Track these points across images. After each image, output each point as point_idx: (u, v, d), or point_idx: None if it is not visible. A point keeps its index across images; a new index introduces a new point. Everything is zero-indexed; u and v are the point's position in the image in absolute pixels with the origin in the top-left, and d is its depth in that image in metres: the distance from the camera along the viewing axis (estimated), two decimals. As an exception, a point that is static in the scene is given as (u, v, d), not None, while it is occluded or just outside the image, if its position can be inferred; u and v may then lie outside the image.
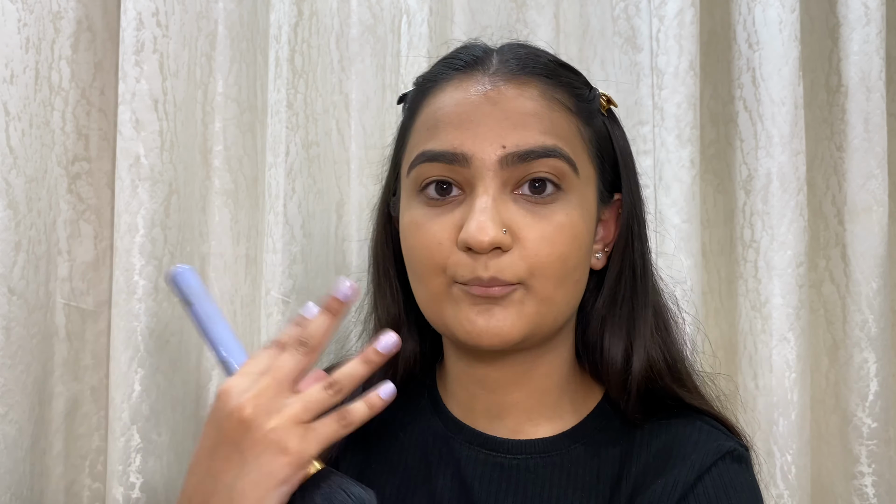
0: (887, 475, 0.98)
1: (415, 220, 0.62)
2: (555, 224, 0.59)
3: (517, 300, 0.59)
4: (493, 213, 0.57)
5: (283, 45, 0.89)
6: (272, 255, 0.89)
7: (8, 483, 0.79)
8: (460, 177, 0.60)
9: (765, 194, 0.95)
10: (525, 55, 0.63)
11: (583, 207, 0.61)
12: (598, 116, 0.65)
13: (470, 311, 0.59)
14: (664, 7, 0.93)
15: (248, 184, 0.92)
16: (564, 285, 0.60)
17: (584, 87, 0.65)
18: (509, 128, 0.59)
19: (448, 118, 0.60)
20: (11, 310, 0.79)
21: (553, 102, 0.61)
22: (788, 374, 0.93)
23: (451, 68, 0.63)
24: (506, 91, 0.60)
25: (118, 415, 0.82)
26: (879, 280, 0.98)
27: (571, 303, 0.63)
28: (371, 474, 0.67)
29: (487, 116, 0.59)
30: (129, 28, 0.82)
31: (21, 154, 0.80)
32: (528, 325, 0.59)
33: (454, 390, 0.68)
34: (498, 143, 0.58)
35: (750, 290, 0.96)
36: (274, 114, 0.89)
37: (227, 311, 0.91)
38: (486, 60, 0.62)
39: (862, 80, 0.98)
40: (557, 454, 0.64)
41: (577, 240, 0.60)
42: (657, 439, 0.63)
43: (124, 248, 0.82)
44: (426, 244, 0.60)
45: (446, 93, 0.62)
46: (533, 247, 0.58)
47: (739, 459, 0.61)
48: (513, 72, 0.61)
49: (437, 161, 0.60)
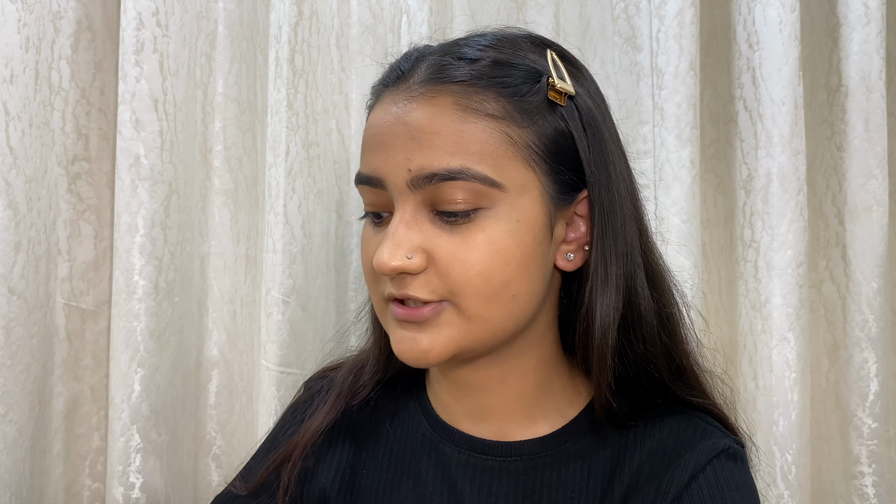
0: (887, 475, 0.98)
1: (364, 236, 0.63)
2: (470, 242, 0.57)
3: (442, 322, 0.58)
4: (402, 237, 0.57)
5: (283, 44, 0.89)
6: (272, 255, 0.89)
7: (8, 483, 0.79)
8: (384, 199, 0.60)
9: (765, 194, 0.95)
10: (443, 63, 0.59)
11: (512, 220, 0.58)
12: (546, 112, 0.59)
13: (396, 332, 0.60)
14: (664, 7, 0.93)
15: (248, 184, 0.92)
16: (496, 301, 0.58)
17: (524, 81, 0.59)
18: (415, 149, 0.57)
19: (369, 140, 0.60)
20: (11, 310, 0.79)
21: (467, 113, 0.57)
22: (788, 374, 0.93)
23: (383, 85, 0.62)
24: (416, 108, 0.58)
25: (118, 415, 0.82)
26: (880, 280, 0.98)
27: (513, 317, 0.60)
28: (361, 478, 0.67)
29: (397, 137, 0.58)
30: (129, 28, 0.82)
31: (21, 154, 0.80)
32: (455, 345, 0.59)
33: (438, 392, 0.68)
34: (405, 167, 0.57)
35: (750, 290, 0.96)
36: (274, 114, 0.89)
37: (227, 311, 0.91)
38: (410, 74, 0.60)
39: (862, 79, 0.98)
40: (546, 455, 0.63)
41: (501, 255, 0.58)
42: (651, 438, 0.62)
43: (124, 248, 0.82)
44: (365, 262, 0.62)
45: (374, 112, 0.61)
46: (445, 267, 0.57)
47: (735, 457, 0.60)
48: (426, 83, 0.58)
49: (364, 184, 0.60)
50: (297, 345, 0.89)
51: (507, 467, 0.63)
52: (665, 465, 0.59)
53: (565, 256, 0.63)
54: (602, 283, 0.61)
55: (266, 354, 0.89)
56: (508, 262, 0.58)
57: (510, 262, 0.58)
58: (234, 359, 0.92)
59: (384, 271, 0.57)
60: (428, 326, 0.58)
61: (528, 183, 0.59)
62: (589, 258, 0.62)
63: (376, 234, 0.61)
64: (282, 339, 0.88)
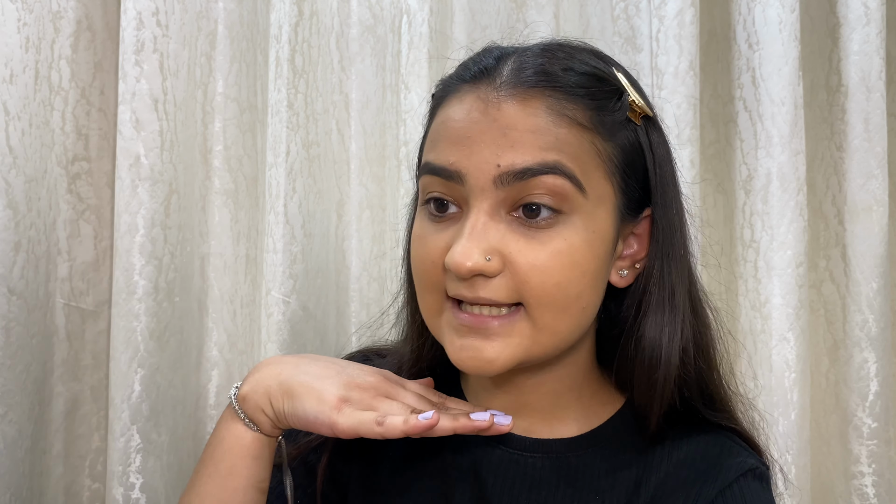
0: (887, 475, 0.98)
1: (418, 232, 0.61)
2: (549, 250, 0.56)
3: (513, 332, 0.57)
4: (481, 237, 0.56)
5: (283, 44, 0.89)
6: (272, 255, 0.88)
7: (7, 483, 0.79)
8: (457, 194, 0.58)
9: (765, 194, 0.95)
10: (538, 66, 0.59)
11: (588, 230, 0.58)
12: (624, 129, 0.60)
13: (455, 341, 0.58)
14: (664, 7, 0.93)
15: (248, 184, 0.92)
16: (567, 314, 0.58)
17: (610, 97, 0.60)
18: (506, 146, 0.56)
19: (448, 133, 0.59)
20: (11, 310, 0.79)
21: (561, 118, 0.57)
22: (788, 374, 0.93)
23: (461, 80, 0.61)
24: (508, 107, 0.57)
25: (118, 415, 0.82)
26: (879, 280, 0.98)
27: (578, 329, 0.60)
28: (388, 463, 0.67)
29: (484, 133, 0.56)
30: (129, 28, 0.82)
31: (21, 154, 0.80)
32: (521, 356, 0.58)
33: (473, 385, 0.68)
34: (493, 162, 0.56)
35: (750, 290, 0.96)
36: (274, 114, 0.89)
37: (227, 311, 0.91)
38: (495, 71, 0.59)
39: (862, 79, 0.98)
40: (573, 455, 0.64)
41: (578, 266, 0.57)
42: (679, 451, 0.62)
43: (124, 248, 0.82)
44: (423, 259, 0.59)
45: (452, 105, 0.60)
46: (523, 273, 0.56)
47: (761, 478, 0.61)
48: (518, 85, 0.58)
49: (435, 175, 0.58)
50: (297, 345, 0.89)
51: (533, 463, 0.64)
52: (693, 478, 0.60)
53: (619, 272, 0.63)
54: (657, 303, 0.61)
55: (266, 354, 0.89)
56: (584, 274, 0.58)
57: (585, 274, 0.58)
58: (234, 359, 0.91)
59: (461, 272, 0.55)
60: (495, 335, 0.57)
61: (606, 195, 0.59)
62: (641, 276, 0.63)
63: (439, 230, 0.59)
64: (282, 339, 0.88)
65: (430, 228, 0.60)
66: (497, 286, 0.56)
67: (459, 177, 0.57)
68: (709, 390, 0.65)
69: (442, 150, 0.58)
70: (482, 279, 0.56)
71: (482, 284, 0.56)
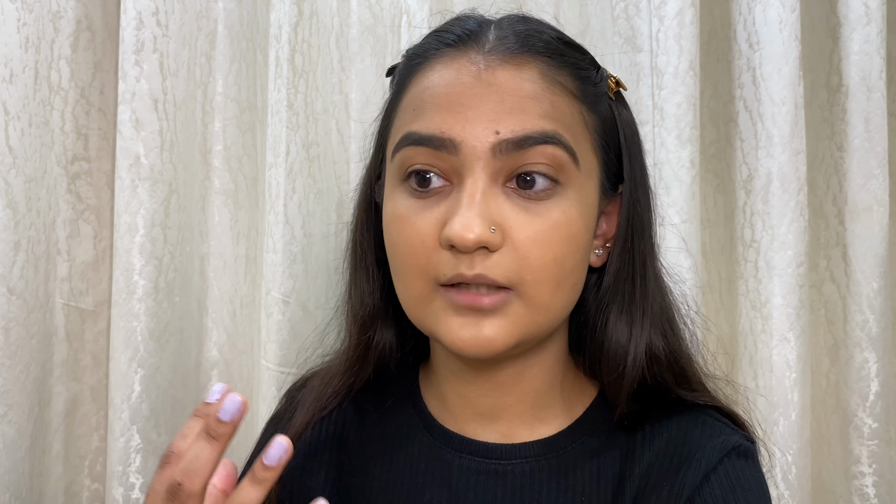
0: (888, 475, 0.98)
1: (398, 212, 0.56)
2: (549, 223, 0.53)
3: (508, 311, 0.54)
4: (482, 207, 0.52)
5: (283, 44, 0.89)
6: (272, 255, 0.88)
7: (7, 483, 0.78)
8: (447, 165, 0.54)
9: (765, 194, 0.95)
10: (526, 31, 0.57)
11: (581, 203, 0.56)
12: (604, 101, 0.59)
13: (453, 321, 0.54)
14: (664, 7, 0.93)
15: (248, 184, 0.91)
16: (562, 289, 0.55)
17: (591, 67, 0.59)
18: (504, 112, 0.53)
19: (436, 99, 0.54)
20: (11, 310, 0.79)
21: (554, 85, 0.55)
22: (789, 374, 0.93)
23: (442, 43, 0.57)
24: (502, 71, 0.54)
25: (118, 415, 0.82)
26: (880, 280, 0.98)
27: (568, 307, 0.58)
28: (352, 489, 0.64)
29: (480, 99, 0.53)
30: (128, 27, 0.82)
31: (20, 154, 0.80)
32: (519, 334, 0.55)
33: (443, 393, 0.64)
34: (491, 129, 0.52)
35: (750, 290, 0.96)
36: (274, 113, 0.89)
37: (227, 311, 0.91)
38: (480, 35, 0.56)
39: (862, 79, 0.98)
40: (554, 456, 0.60)
41: (575, 240, 0.55)
42: (659, 437, 0.60)
43: (124, 248, 0.82)
44: (409, 242, 0.55)
45: (435, 70, 0.56)
46: (524, 248, 0.53)
47: (746, 455, 0.58)
48: (510, 50, 0.55)
49: (422, 145, 0.54)
50: (298, 345, 0.89)
51: (512, 470, 0.60)
52: (676, 465, 0.58)
53: (594, 251, 0.60)
54: (627, 284, 0.59)
55: (266, 354, 0.89)
56: (578, 249, 0.56)
57: (579, 249, 0.56)
58: (234, 359, 0.91)
59: (466, 244, 0.51)
60: (491, 314, 0.54)
61: (593, 168, 0.57)
62: (611, 255, 0.60)
63: (424, 208, 0.55)
64: (282, 339, 0.88)
65: (413, 207, 0.55)
66: (496, 263, 0.53)
67: (453, 145, 0.53)
68: (679, 365, 0.62)
69: (430, 118, 0.54)
70: (482, 255, 0.53)
71: (481, 260, 0.53)
